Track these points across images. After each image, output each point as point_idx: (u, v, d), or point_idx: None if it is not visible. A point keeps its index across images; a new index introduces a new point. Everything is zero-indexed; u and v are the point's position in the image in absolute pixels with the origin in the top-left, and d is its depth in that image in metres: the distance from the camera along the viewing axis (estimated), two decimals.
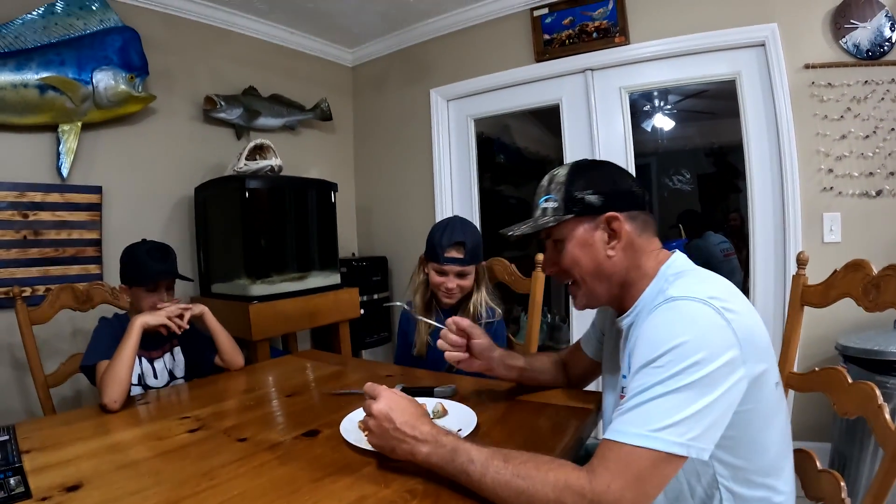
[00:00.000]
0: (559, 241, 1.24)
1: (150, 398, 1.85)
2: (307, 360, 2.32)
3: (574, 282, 1.26)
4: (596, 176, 1.22)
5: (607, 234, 1.19)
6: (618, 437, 0.93)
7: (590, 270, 1.21)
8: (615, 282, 1.21)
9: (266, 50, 3.85)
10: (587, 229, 1.20)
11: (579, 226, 1.20)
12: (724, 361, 0.94)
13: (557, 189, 1.22)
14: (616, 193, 1.20)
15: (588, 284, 1.23)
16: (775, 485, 1.10)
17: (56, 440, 1.40)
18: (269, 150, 3.13)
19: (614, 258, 1.19)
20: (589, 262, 1.20)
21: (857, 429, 2.29)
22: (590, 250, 1.20)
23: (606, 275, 1.20)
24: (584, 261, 1.20)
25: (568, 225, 1.21)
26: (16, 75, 2.48)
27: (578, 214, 1.19)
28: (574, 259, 1.21)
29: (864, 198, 2.63)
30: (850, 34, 2.61)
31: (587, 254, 1.20)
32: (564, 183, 1.21)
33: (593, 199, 1.19)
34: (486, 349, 1.55)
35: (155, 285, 2.05)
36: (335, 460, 1.20)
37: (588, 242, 1.20)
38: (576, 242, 1.20)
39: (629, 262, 1.20)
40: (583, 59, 3.30)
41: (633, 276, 1.21)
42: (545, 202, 1.24)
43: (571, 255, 1.21)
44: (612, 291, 1.23)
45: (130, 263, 2.05)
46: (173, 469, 1.19)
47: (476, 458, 0.99)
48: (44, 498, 1.05)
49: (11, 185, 2.59)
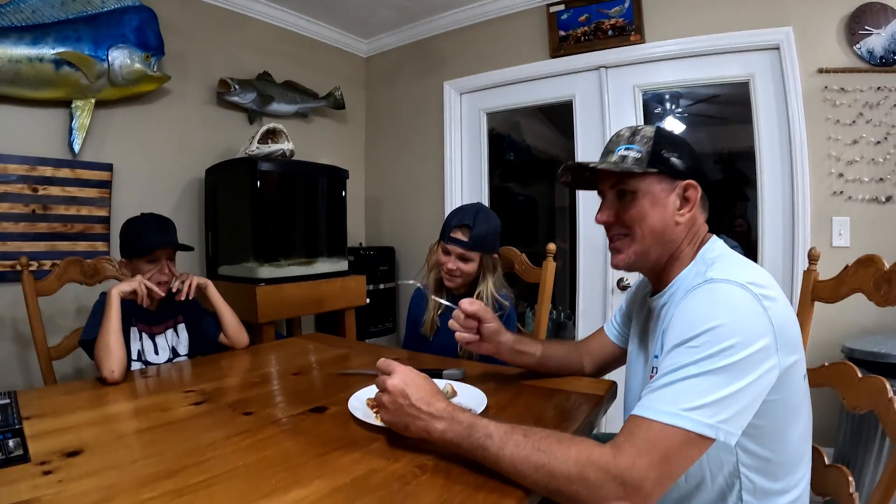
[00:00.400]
0: (629, 193, 1.19)
1: (153, 373, 1.85)
2: (312, 343, 2.33)
3: (629, 236, 1.21)
4: (681, 144, 1.21)
5: (680, 200, 1.18)
6: (648, 414, 0.93)
7: (653, 229, 1.18)
8: (668, 251, 1.21)
9: (281, 37, 3.85)
10: (664, 189, 1.18)
11: (658, 183, 1.18)
12: (758, 348, 0.94)
13: (644, 142, 1.19)
14: (696, 167, 1.20)
15: (646, 242, 1.19)
16: (794, 479, 1.10)
17: (57, 408, 1.40)
18: (282, 134, 3.13)
19: (679, 226, 1.19)
20: (656, 221, 1.18)
21: (861, 432, 2.29)
22: (661, 210, 1.18)
23: (667, 239, 1.19)
24: (651, 218, 1.18)
25: (648, 178, 1.18)
26: (32, 49, 2.48)
27: (660, 172, 1.17)
28: (642, 214, 1.18)
29: (874, 203, 2.62)
30: (865, 40, 2.61)
31: (657, 212, 1.17)
32: (652, 138, 1.19)
33: (678, 162, 1.18)
34: (496, 333, 1.53)
35: (155, 255, 2.02)
36: (343, 436, 1.20)
37: (661, 202, 1.17)
38: (650, 198, 1.17)
39: (686, 235, 1.20)
40: (597, 56, 3.29)
41: (679, 254, 1.21)
42: (626, 150, 1.19)
43: (641, 208, 1.18)
44: (660, 260, 1.22)
45: (129, 235, 2.04)
46: (177, 439, 1.19)
47: (494, 433, 0.98)
48: (43, 462, 1.04)
49: (22, 159, 2.59)
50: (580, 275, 3.45)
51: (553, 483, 0.91)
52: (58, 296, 2.31)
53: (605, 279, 3.31)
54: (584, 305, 3.44)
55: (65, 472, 1.00)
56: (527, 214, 5.64)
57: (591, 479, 0.88)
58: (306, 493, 0.93)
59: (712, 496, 1.11)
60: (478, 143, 3.95)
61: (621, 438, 0.93)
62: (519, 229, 5.27)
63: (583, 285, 3.44)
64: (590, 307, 3.41)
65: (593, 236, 3.35)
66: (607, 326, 1.64)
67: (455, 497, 0.92)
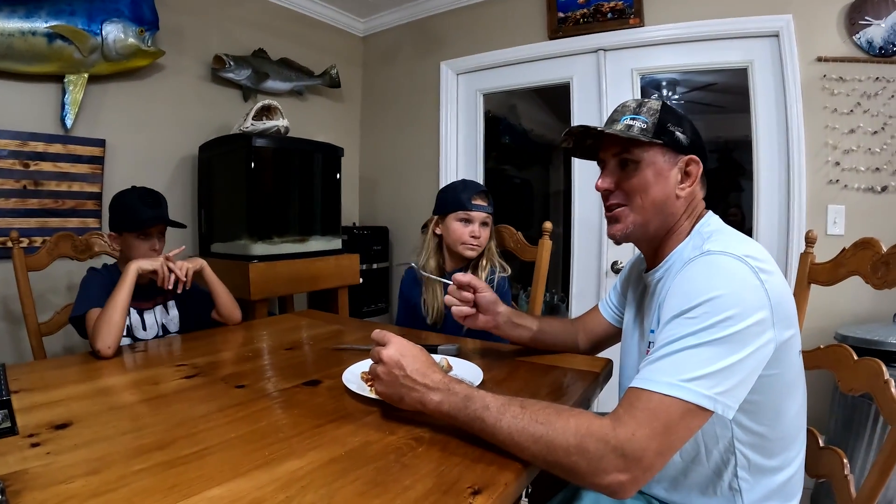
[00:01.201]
0: (632, 162, 1.19)
1: (144, 347, 1.84)
2: (306, 319, 2.32)
3: (627, 206, 1.22)
4: (685, 120, 1.21)
5: (681, 175, 1.19)
6: (647, 385, 0.92)
7: (654, 201, 1.18)
8: (667, 224, 1.21)
9: (278, 14, 3.81)
10: (667, 161, 1.18)
11: (661, 155, 1.18)
12: (755, 320, 0.93)
13: (650, 113, 1.18)
14: (698, 143, 1.20)
15: (646, 213, 1.19)
16: (789, 457, 1.11)
17: (47, 382, 1.39)
18: (277, 111, 3.11)
19: (679, 200, 1.19)
20: (658, 193, 1.18)
21: (853, 419, 2.31)
22: (663, 182, 1.18)
23: (667, 212, 1.19)
24: (654, 189, 1.18)
25: (652, 149, 1.18)
26: (25, 23, 2.44)
27: (665, 144, 1.17)
28: (645, 184, 1.18)
29: (870, 193, 2.62)
30: (865, 30, 2.60)
31: (659, 184, 1.18)
32: (658, 111, 1.19)
33: (682, 137, 1.18)
34: (492, 303, 1.53)
35: (146, 232, 2.00)
36: (337, 408, 1.20)
37: (663, 174, 1.18)
38: (653, 169, 1.18)
39: (685, 210, 1.20)
40: (596, 38, 3.27)
41: (677, 228, 1.21)
42: (631, 120, 1.19)
43: (644, 179, 1.18)
44: (658, 233, 1.22)
45: (120, 209, 2.01)
46: (169, 412, 1.18)
47: (491, 404, 0.98)
48: (31, 434, 1.03)
49: (14, 134, 2.55)
50: (574, 257, 3.45)
51: (551, 455, 0.90)
52: (49, 273, 2.30)
53: (600, 262, 3.32)
54: (577, 288, 3.45)
55: (53, 445, 0.99)
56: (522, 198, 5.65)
57: (590, 450, 0.87)
58: (301, 463, 0.93)
59: (708, 472, 1.11)
60: (474, 125, 3.93)
61: (620, 410, 0.92)
62: (514, 212, 5.27)
63: (577, 268, 3.45)
64: (584, 290, 3.42)
65: (588, 219, 3.36)
66: (602, 305, 1.64)
67: (452, 469, 0.91)
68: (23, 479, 0.86)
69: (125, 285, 1.77)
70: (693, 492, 1.14)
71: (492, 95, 3.99)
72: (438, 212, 2.26)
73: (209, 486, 0.84)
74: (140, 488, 0.84)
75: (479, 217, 2.18)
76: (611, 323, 1.60)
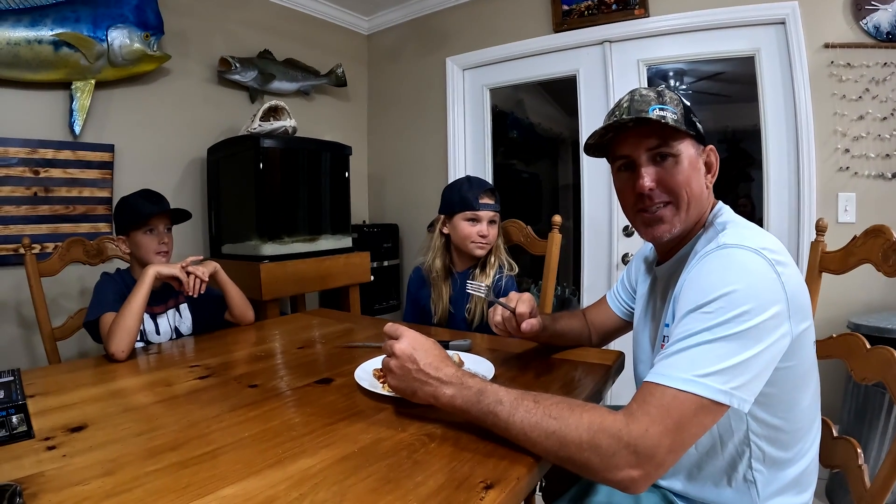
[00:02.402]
0: (671, 156, 1.12)
1: (157, 349, 1.85)
2: (317, 318, 2.33)
3: (671, 203, 1.14)
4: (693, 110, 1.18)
5: (705, 165, 1.17)
6: (661, 381, 0.91)
7: (696, 195, 1.14)
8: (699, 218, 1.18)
9: (282, 15, 3.82)
10: (696, 153, 1.15)
11: (693, 147, 1.14)
12: (771, 314, 0.92)
13: (674, 103, 1.13)
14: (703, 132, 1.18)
15: (690, 209, 1.14)
16: (803, 448, 1.10)
17: (61, 386, 1.41)
18: (284, 111, 3.12)
19: (708, 192, 1.17)
20: (697, 186, 1.14)
21: (866, 409, 2.29)
22: (698, 175, 1.14)
23: (702, 207, 1.17)
24: (694, 183, 1.13)
25: (686, 141, 1.13)
26: (30, 31, 2.46)
27: (693, 136, 1.14)
28: (688, 179, 1.12)
29: (880, 179, 2.60)
30: (871, 15, 2.57)
31: (696, 177, 1.14)
32: (681, 101, 1.14)
33: (700, 127, 1.16)
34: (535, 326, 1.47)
35: (151, 225, 2.00)
36: (349, 406, 1.20)
37: (696, 166, 1.14)
38: (690, 162, 1.13)
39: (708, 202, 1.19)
40: (601, 30, 3.26)
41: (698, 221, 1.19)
42: (661, 110, 1.10)
43: (688, 173, 1.12)
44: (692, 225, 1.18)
45: (124, 209, 2.02)
46: (182, 412, 1.19)
47: (504, 398, 0.97)
48: (47, 437, 1.05)
49: (23, 142, 2.57)
50: (585, 250, 3.45)
51: (564, 450, 0.90)
52: (61, 278, 2.31)
53: (610, 254, 3.31)
54: (589, 281, 3.45)
55: (69, 447, 1.00)
56: (530, 192, 5.63)
57: (603, 446, 0.87)
58: (313, 462, 0.93)
59: (723, 464, 1.11)
60: (481, 120, 3.93)
61: (634, 405, 0.91)
62: (522, 207, 5.26)
63: (587, 261, 3.45)
64: (595, 283, 3.42)
65: (598, 212, 3.36)
66: (610, 298, 1.63)
67: (464, 464, 0.91)
68: (39, 481, 0.87)
69: (142, 290, 1.78)
70: (707, 483, 1.14)
71: (498, 90, 3.98)
72: (445, 211, 2.25)
73: (222, 485, 0.85)
74: (154, 488, 0.84)
75: (486, 216, 2.17)
76: (620, 316, 1.59)
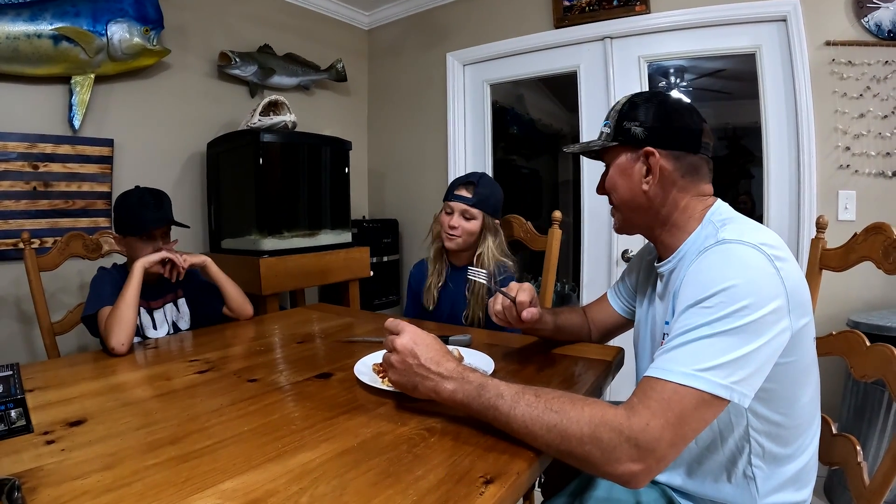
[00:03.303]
0: (606, 166, 1.28)
1: (156, 344, 1.84)
2: (317, 312, 2.32)
3: (615, 207, 1.29)
4: (649, 109, 1.19)
5: (645, 167, 1.19)
6: (662, 375, 0.91)
7: (624, 198, 1.24)
8: (653, 216, 1.22)
9: (282, 9, 3.81)
10: (629, 159, 1.22)
11: (622, 154, 1.23)
12: (771, 309, 0.92)
13: (613, 116, 1.25)
14: (664, 130, 1.17)
15: (623, 211, 1.27)
16: (803, 444, 1.10)
17: (60, 380, 1.40)
18: (284, 106, 3.11)
19: (649, 192, 1.19)
20: (625, 191, 1.23)
21: (865, 407, 2.29)
22: (627, 180, 1.22)
23: (642, 207, 1.22)
24: (620, 188, 1.24)
25: (613, 151, 1.25)
26: (30, 25, 2.45)
27: (622, 143, 1.22)
28: (612, 184, 1.26)
29: (881, 177, 2.60)
30: (873, 13, 2.57)
31: (624, 182, 1.23)
32: (619, 112, 1.23)
33: (638, 131, 1.18)
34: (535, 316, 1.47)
35: (149, 234, 1.98)
36: (349, 400, 1.21)
37: (627, 172, 1.22)
38: (616, 169, 1.24)
39: (668, 200, 1.19)
40: (602, 26, 3.25)
41: (679, 219, 1.19)
42: (603, 126, 1.27)
43: (612, 180, 1.26)
44: (649, 224, 1.25)
45: (123, 212, 2.00)
46: (181, 406, 1.19)
47: (505, 392, 0.97)
48: (46, 432, 1.04)
49: (22, 136, 2.57)
50: (585, 247, 3.45)
51: (565, 444, 0.90)
52: (61, 273, 2.31)
53: (610, 251, 3.31)
54: (589, 277, 3.45)
55: (68, 441, 1.00)
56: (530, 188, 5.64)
57: (603, 440, 0.87)
58: (313, 455, 0.93)
59: (722, 460, 1.11)
60: (481, 115, 3.92)
61: (635, 400, 0.92)
62: (523, 202, 5.27)
63: (587, 257, 3.45)
64: (595, 279, 3.42)
65: (598, 208, 3.35)
66: (611, 296, 1.63)
67: (464, 458, 0.92)
68: (38, 475, 0.87)
69: (133, 282, 1.79)
70: (707, 479, 1.14)
71: (499, 86, 3.98)
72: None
73: (222, 479, 0.85)
74: (153, 482, 0.84)
75: (458, 207, 2.13)
76: (620, 313, 1.59)
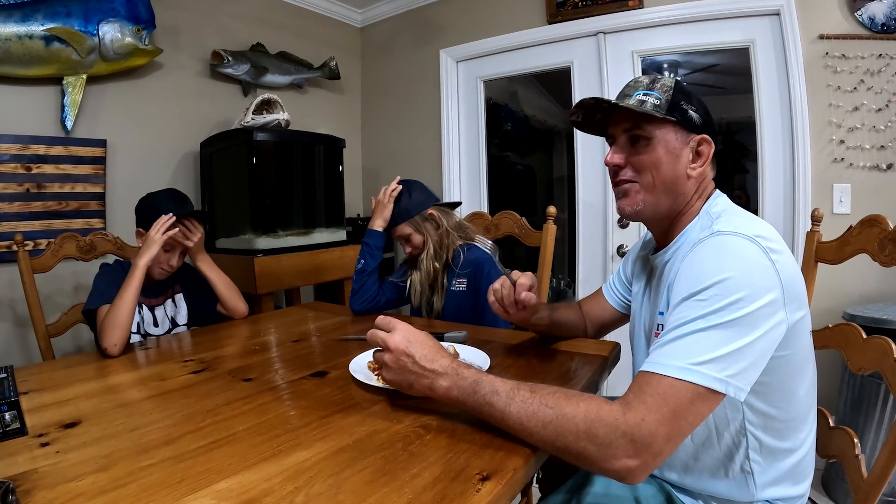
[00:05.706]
0: (643, 138, 1.16)
1: (151, 344, 1.84)
2: (312, 311, 2.33)
3: (639, 182, 1.19)
4: (698, 100, 1.18)
5: (692, 154, 1.16)
6: (657, 369, 0.91)
7: (666, 179, 1.16)
8: (679, 204, 1.18)
9: (274, 7, 3.80)
10: (679, 140, 1.15)
11: (673, 133, 1.15)
12: (766, 302, 0.92)
13: (664, 90, 1.15)
14: (710, 124, 1.18)
15: (657, 192, 1.17)
16: (800, 438, 1.10)
17: (55, 382, 1.40)
18: (277, 104, 3.10)
19: (690, 180, 1.16)
20: (669, 171, 1.15)
21: (862, 399, 2.30)
22: (675, 161, 1.15)
23: (678, 192, 1.17)
24: (665, 168, 1.15)
25: (665, 126, 1.15)
26: (21, 26, 2.43)
27: (677, 122, 1.15)
28: (657, 162, 1.15)
29: (875, 171, 2.60)
30: (866, 6, 2.57)
31: (671, 162, 1.15)
32: (672, 88, 1.16)
33: (695, 115, 1.16)
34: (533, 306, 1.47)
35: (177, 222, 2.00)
36: (344, 398, 1.20)
37: (675, 152, 1.15)
38: (666, 147, 1.15)
39: (696, 191, 1.18)
40: (595, 21, 3.25)
41: (688, 209, 1.19)
42: (644, 96, 1.15)
43: (657, 157, 1.15)
44: (671, 213, 1.20)
45: (148, 207, 2.03)
46: (176, 407, 1.19)
47: (500, 389, 0.97)
48: (40, 434, 1.04)
49: (14, 138, 2.55)
50: (580, 242, 3.45)
51: (561, 440, 0.90)
52: (55, 274, 2.30)
53: (605, 246, 3.31)
54: (584, 273, 3.45)
55: (62, 444, 1.00)
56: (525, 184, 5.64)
57: (599, 435, 0.87)
58: (309, 454, 0.93)
59: (719, 455, 1.11)
60: (475, 112, 3.91)
61: (630, 395, 0.91)
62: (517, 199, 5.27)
63: (583, 252, 3.45)
64: (590, 274, 3.42)
65: (593, 203, 3.35)
66: (606, 290, 1.62)
67: (460, 456, 0.91)
68: (32, 478, 0.87)
69: (133, 282, 1.78)
70: (704, 474, 1.14)
71: (492, 82, 3.97)
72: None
73: (217, 479, 0.85)
74: (148, 483, 0.84)
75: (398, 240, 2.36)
76: (615, 308, 1.59)
